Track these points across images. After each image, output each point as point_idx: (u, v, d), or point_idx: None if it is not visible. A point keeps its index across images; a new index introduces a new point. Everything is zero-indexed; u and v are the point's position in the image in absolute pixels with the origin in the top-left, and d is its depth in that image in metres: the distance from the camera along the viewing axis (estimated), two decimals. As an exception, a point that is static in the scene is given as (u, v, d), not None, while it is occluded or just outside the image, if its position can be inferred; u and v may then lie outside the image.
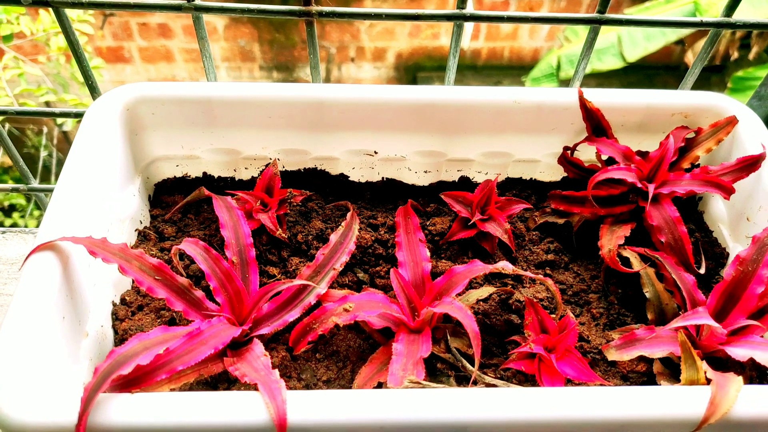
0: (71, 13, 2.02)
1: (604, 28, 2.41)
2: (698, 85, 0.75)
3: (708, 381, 0.49)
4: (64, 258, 0.51)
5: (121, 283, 0.61)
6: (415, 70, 3.06)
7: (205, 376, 0.53)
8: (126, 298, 0.61)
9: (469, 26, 2.88)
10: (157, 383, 0.47)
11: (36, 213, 2.31)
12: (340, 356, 0.58)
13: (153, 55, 2.82)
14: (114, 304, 0.59)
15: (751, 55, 2.76)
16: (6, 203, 2.30)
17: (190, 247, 0.56)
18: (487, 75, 3.10)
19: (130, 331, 0.58)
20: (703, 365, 0.49)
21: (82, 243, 0.51)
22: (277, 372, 0.47)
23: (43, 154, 2.52)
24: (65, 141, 2.56)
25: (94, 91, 0.71)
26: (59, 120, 2.35)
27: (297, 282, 0.56)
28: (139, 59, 2.84)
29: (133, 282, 0.63)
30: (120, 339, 0.58)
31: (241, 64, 2.97)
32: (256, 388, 0.45)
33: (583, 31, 2.67)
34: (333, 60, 2.99)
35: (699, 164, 0.72)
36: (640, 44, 2.62)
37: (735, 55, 2.81)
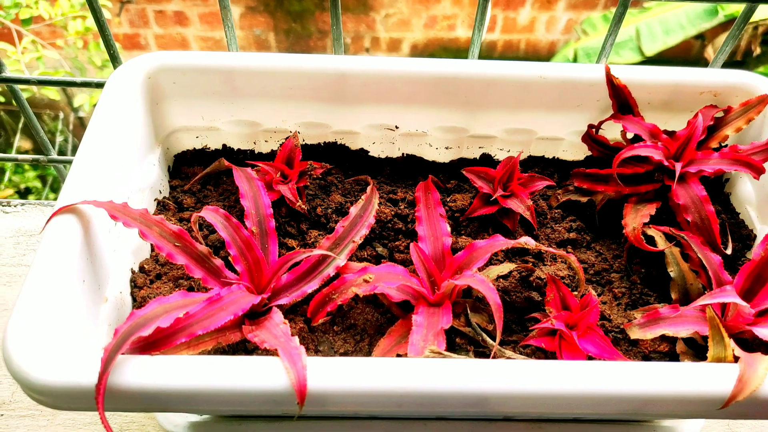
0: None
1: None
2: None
3: (735, 359, 0.48)
4: (85, 221, 0.51)
5: (140, 251, 0.61)
6: (430, 61, 3.03)
7: (224, 345, 0.52)
8: (145, 266, 0.61)
9: (485, 18, 2.85)
10: (176, 347, 0.47)
11: (51, 196, 2.33)
12: (357, 329, 0.58)
13: (169, 42, 2.83)
14: (133, 272, 0.59)
15: (774, 52, 2.71)
16: (22, 186, 2.32)
17: (211, 214, 0.56)
18: (503, 67, 3.07)
19: (149, 299, 0.58)
20: (731, 343, 0.48)
21: (103, 207, 0.51)
22: (296, 339, 0.47)
23: (59, 139, 2.54)
24: (81, 126, 2.58)
25: (115, 60, 0.71)
26: (75, 105, 2.36)
27: (317, 252, 0.56)
28: (155, 47, 2.84)
29: (152, 250, 0.63)
30: (138, 306, 0.58)
31: (256, 54, 2.96)
32: (275, 355, 0.45)
33: (600, 24, 2.64)
34: (348, 50, 2.98)
35: (727, 144, 0.70)
36: (659, 38, 2.58)
37: (757, 50, 2.77)
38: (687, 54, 2.97)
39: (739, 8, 2.23)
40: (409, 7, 2.84)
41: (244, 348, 0.56)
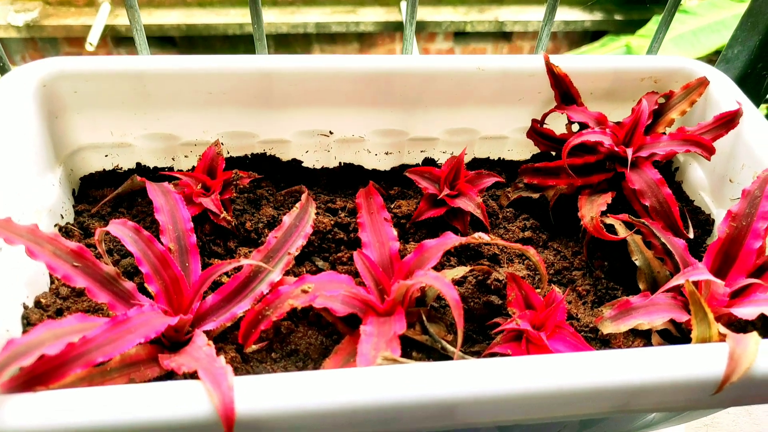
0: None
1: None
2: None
3: (721, 338, 0.43)
4: (-46, 242, 0.42)
5: (36, 283, 0.52)
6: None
7: (137, 382, 0.44)
8: (41, 300, 0.51)
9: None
10: (72, 381, 0.38)
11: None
12: (299, 355, 0.50)
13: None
14: (25, 307, 0.50)
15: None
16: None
17: (117, 228, 0.48)
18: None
19: (45, 336, 0.48)
20: (715, 320, 0.44)
21: (-24, 222, 0.42)
22: (222, 359, 0.39)
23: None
24: None
25: (3, 70, 0.62)
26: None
27: (245, 261, 0.48)
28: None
29: (51, 283, 0.54)
30: (32, 346, 0.48)
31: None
32: (196, 377, 0.37)
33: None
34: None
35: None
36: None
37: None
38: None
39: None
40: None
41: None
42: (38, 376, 0.36)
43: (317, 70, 0.59)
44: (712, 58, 2.63)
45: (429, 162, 0.69)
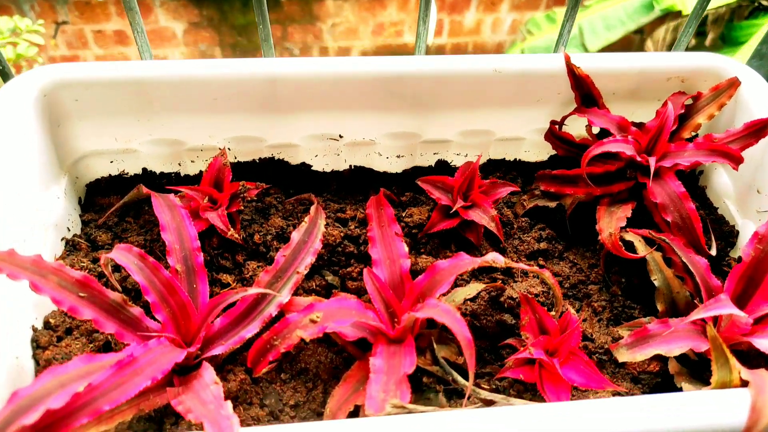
0: (20, 24, 1.87)
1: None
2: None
3: (743, 383, 0.42)
4: (-42, 278, 0.41)
5: (43, 303, 0.51)
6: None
7: (146, 411, 0.44)
8: (50, 320, 0.51)
9: (432, 22, 2.80)
10: (78, 429, 0.38)
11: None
12: (309, 375, 0.50)
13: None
14: (35, 329, 0.49)
15: (708, 42, 2.77)
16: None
17: (122, 255, 0.47)
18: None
19: (55, 361, 0.48)
20: (737, 364, 0.42)
21: (-21, 257, 0.41)
22: (229, 405, 0.39)
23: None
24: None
25: (6, 77, 0.60)
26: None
27: (253, 290, 0.47)
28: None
29: (59, 301, 0.53)
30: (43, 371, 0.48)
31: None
32: (202, 428, 0.37)
33: (544, 23, 2.66)
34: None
35: (698, 133, 0.65)
36: (601, 34, 2.64)
37: (692, 43, 2.81)
38: (628, 48, 3.02)
39: (673, 2, 2.26)
40: (356, 15, 2.78)
41: (174, 410, 0.47)
42: (45, 428, 0.36)
43: (325, 74, 0.56)
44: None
45: (442, 164, 0.66)
